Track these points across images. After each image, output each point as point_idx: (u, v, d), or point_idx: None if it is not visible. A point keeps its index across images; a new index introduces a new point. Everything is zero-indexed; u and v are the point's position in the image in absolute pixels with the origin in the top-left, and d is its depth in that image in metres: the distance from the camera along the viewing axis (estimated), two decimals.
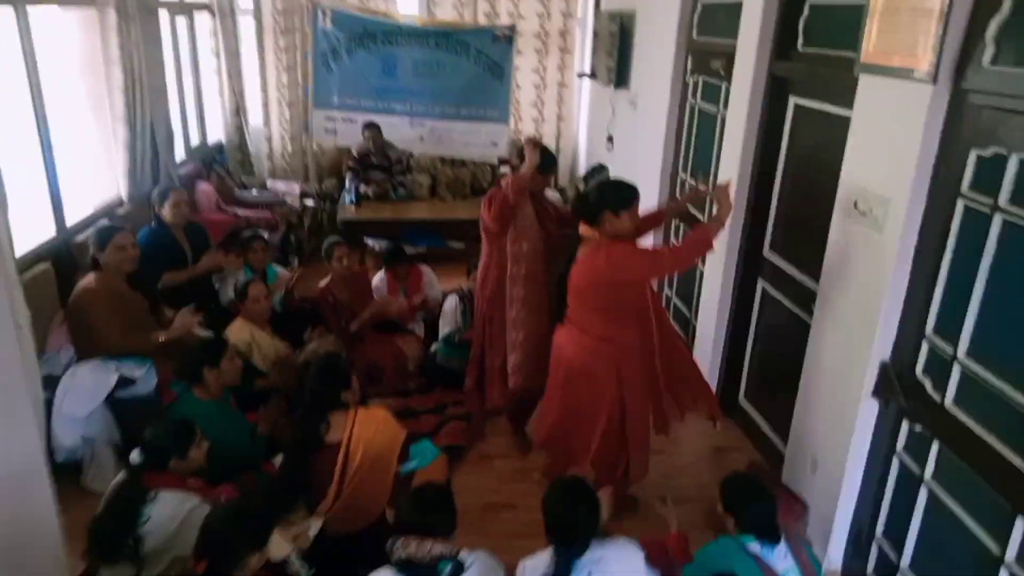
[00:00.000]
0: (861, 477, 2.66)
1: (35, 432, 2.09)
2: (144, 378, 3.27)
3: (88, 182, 4.33)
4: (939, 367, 2.29)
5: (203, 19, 6.20)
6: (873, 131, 2.52)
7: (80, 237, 3.76)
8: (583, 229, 2.84)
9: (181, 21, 5.77)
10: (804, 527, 2.91)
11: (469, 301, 4.30)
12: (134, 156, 4.40)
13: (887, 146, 2.42)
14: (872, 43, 2.47)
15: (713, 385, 3.99)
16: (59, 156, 3.85)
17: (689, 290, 4.46)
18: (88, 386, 3.15)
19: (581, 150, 7.51)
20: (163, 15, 5.04)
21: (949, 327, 2.24)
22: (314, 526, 2.58)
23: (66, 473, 3.05)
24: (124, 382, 3.21)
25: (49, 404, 3.08)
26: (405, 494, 2.46)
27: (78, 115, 4.24)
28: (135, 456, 2.45)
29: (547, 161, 3.38)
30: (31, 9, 3.60)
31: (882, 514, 2.61)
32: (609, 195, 2.78)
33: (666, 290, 4.93)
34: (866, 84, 2.54)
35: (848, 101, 2.66)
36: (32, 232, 3.61)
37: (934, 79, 2.16)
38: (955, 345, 2.21)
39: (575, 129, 7.57)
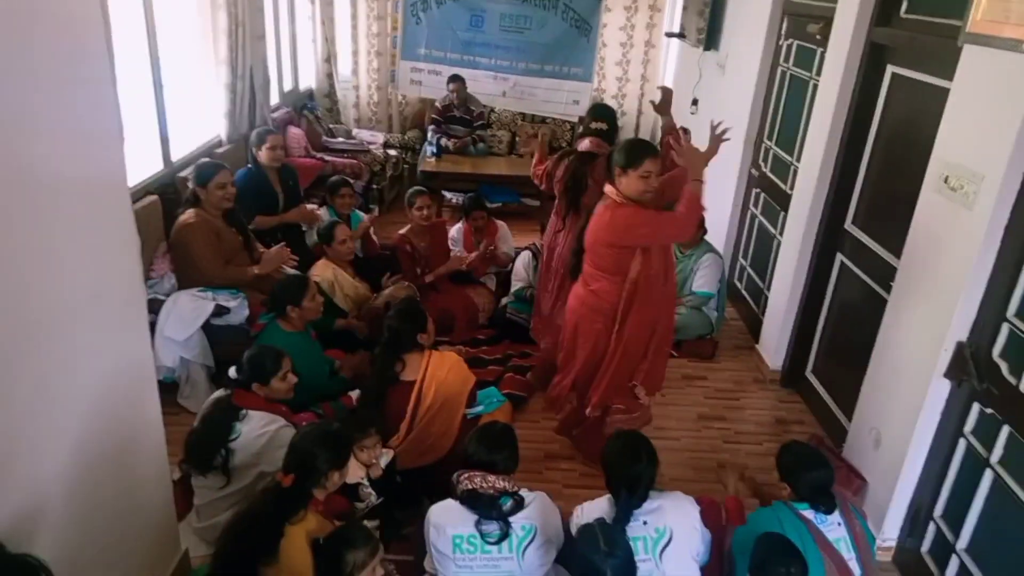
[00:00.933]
0: (925, 456, 2.64)
1: (147, 343, 2.30)
2: (237, 308, 3.52)
3: (192, 121, 4.58)
4: (1017, 350, 2.24)
5: None
6: (973, 104, 2.43)
7: (183, 173, 4.01)
8: (606, 187, 2.90)
9: None
10: (862, 501, 2.92)
11: (541, 257, 4.40)
12: (234, 98, 4.63)
13: (987, 121, 2.34)
14: (981, 11, 2.36)
15: (780, 357, 3.98)
16: (168, 96, 4.09)
17: (764, 260, 4.41)
18: (187, 312, 3.42)
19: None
20: None
21: None
22: (385, 457, 2.76)
23: (164, 391, 3.33)
24: (219, 310, 3.47)
25: (152, 326, 3.36)
26: (471, 434, 2.62)
27: (186, 57, 4.47)
28: (232, 372, 2.67)
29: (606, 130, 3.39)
30: None
31: (943, 494, 2.59)
32: (620, 151, 2.82)
33: (740, 260, 4.88)
34: (970, 55, 2.44)
35: (949, 72, 2.57)
36: (142, 165, 3.87)
37: None
38: None
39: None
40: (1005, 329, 2.30)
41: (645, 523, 2.19)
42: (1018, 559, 2.23)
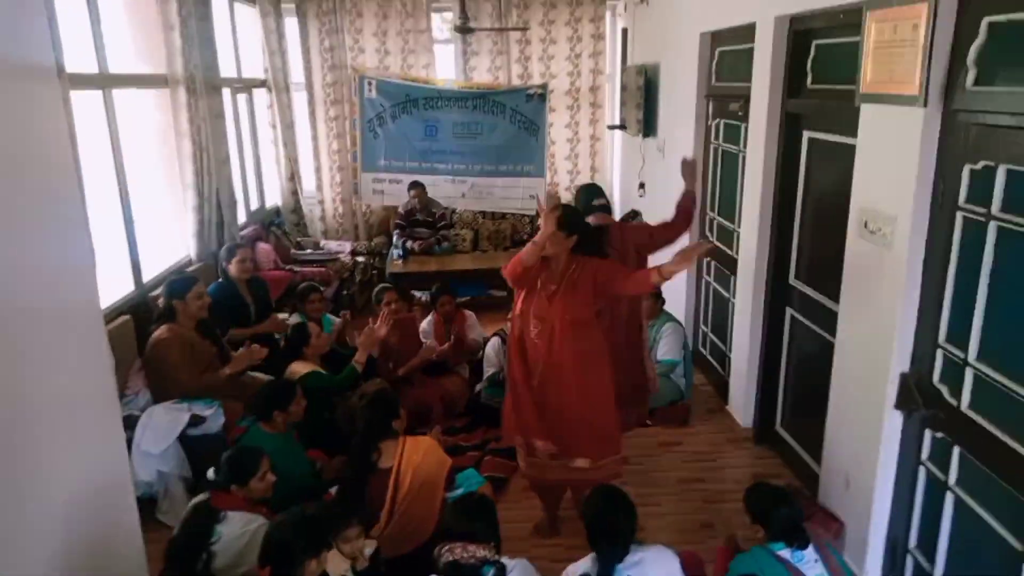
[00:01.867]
0: (892, 489, 2.72)
1: (123, 453, 2.36)
2: (213, 417, 3.55)
3: (162, 242, 4.74)
4: (953, 373, 2.39)
5: (261, 95, 6.75)
6: (876, 155, 2.70)
7: (154, 293, 4.12)
8: None
9: (242, 97, 6.31)
10: (842, 545, 2.96)
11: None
12: (202, 219, 4.82)
13: (890, 168, 2.59)
14: (869, 75, 2.67)
15: (750, 415, 4.09)
16: (138, 218, 4.26)
17: (723, 324, 4.59)
18: (163, 424, 3.44)
19: (616, 198, 7.76)
20: (226, 93, 5.54)
21: (959, 333, 2.35)
22: (369, 547, 2.76)
23: (142, 507, 3.31)
24: (195, 420, 3.49)
25: (128, 442, 3.37)
26: (449, 507, 2.66)
27: (153, 183, 4.69)
28: (211, 473, 2.69)
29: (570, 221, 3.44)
30: (115, 92, 4.08)
31: (914, 524, 2.66)
32: None
33: (701, 326, 5.06)
34: (867, 113, 2.73)
35: (854, 130, 2.85)
36: (114, 288, 3.98)
37: (925, 102, 2.34)
38: (966, 350, 2.31)
39: (609, 179, 7.85)
40: (940, 355, 2.46)
41: None
42: (987, 574, 2.28)
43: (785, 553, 2.32)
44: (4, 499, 1.72)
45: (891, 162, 2.58)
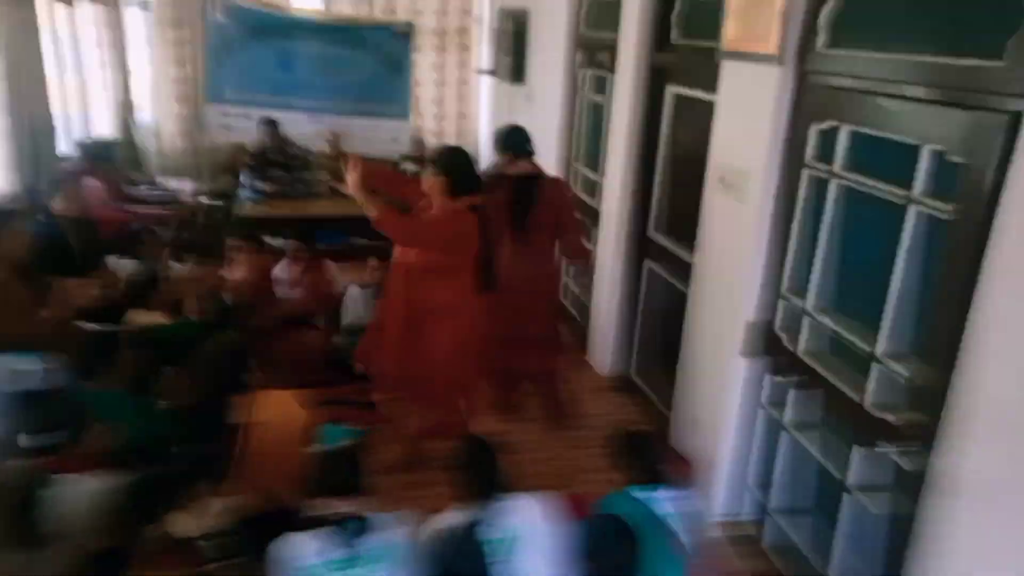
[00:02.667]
0: (734, 431, 2.91)
1: None
2: (33, 370, 3.16)
3: None
4: (793, 322, 2.55)
5: (86, 9, 5.94)
6: (734, 112, 2.78)
7: None
8: None
9: (61, 11, 5.52)
10: (691, 483, 3.14)
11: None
12: (17, 146, 4.21)
13: (746, 124, 2.68)
14: (730, 32, 2.73)
15: (608, 364, 4.22)
16: None
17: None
18: None
19: (483, 145, 7.66)
20: (41, 3, 4.82)
21: (800, 284, 2.51)
22: (214, 505, 2.59)
23: None
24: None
25: None
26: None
27: None
28: (23, 439, 2.40)
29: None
30: None
31: (752, 462, 2.86)
32: None
33: (563, 277, 5.13)
34: (727, 70, 2.80)
35: (715, 86, 2.91)
36: None
37: (780, 61, 2.42)
38: (804, 299, 2.47)
39: (476, 125, 7.72)
40: (781, 304, 2.62)
41: (493, 526, 2.23)
42: (814, 506, 2.50)
43: (639, 494, 2.41)
44: None
45: (747, 119, 2.67)
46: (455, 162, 3.04)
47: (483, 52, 7.16)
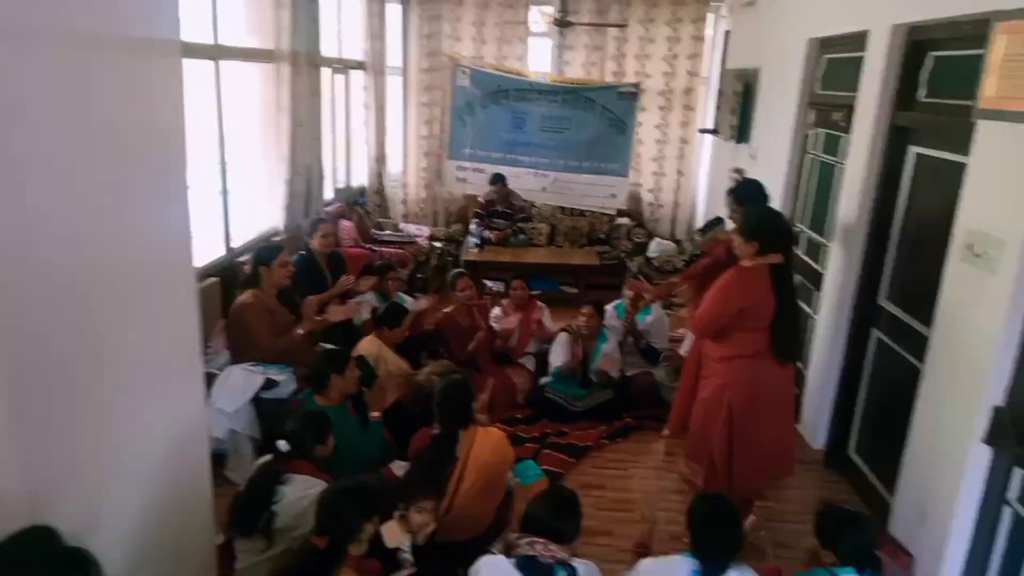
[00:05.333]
0: (972, 527, 2.56)
1: (202, 407, 2.47)
2: (285, 382, 3.68)
3: (252, 212, 4.95)
4: None
5: (358, 76, 6.93)
6: (990, 174, 2.53)
7: (242, 258, 4.30)
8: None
9: (340, 77, 6.50)
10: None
11: (578, 337, 4.52)
12: (292, 191, 4.99)
13: (1004, 188, 2.43)
14: (992, 89, 2.50)
15: (823, 437, 3.93)
16: (232, 187, 4.46)
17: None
18: (239, 384, 3.58)
19: (700, 204, 7.61)
20: (326, 72, 5.72)
21: None
22: (432, 527, 2.78)
23: (211, 463, 3.46)
24: (269, 384, 3.63)
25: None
26: (503, 509, 2.61)
27: (250, 154, 4.89)
28: (283, 444, 2.77)
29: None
30: (223, 64, 4.27)
31: (993, 566, 2.49)
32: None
33: None
34: (984, 129, 2.57)
35: (965, 148, 2.68)
36: (206, 250, 4.18)
37: None
38: None
39: (694, 183, 7.69)
40: None
41: None
42: None
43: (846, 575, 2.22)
44: (98, 440, 1.84)
45: (1007, 183, 2.42)
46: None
47: (708, 112, 7.17)
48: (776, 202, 4.73)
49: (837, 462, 3.84)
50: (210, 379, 3.56)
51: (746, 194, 3.73)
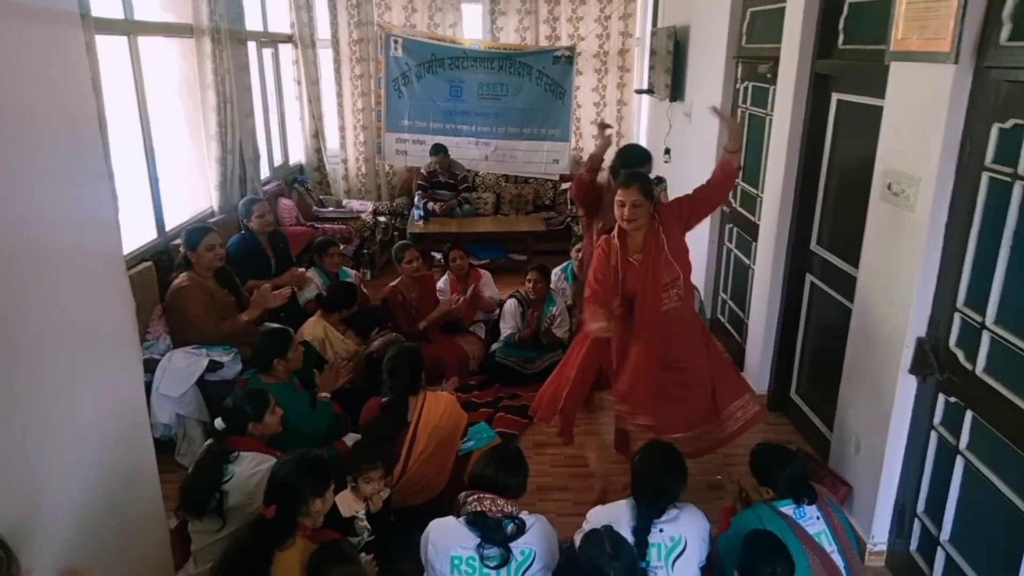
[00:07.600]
0: (903, 454, 2.70)
1: (140, 389, 2.41)
2: (230, 363, 3.62)
3: (184, 193, 4.80)
4: (970, 337, 2.35)
5: (287, 50, 6.74)
6: (903, 115, 2.62)
7: (176, 241, 4.18)
8: None
9: (267, 52, 6.31)
10: (849, 509, 2.95)
11: (527, 303, 4.55)
12: (225, 171, 4.85)
13: (916, 128, 2.52)
14: (900, 32, 2.59)
15: (765, 382, 4.07)
16: (160, 169, 4.31)
17: (742, 291, 4.54)
18: (182, 368, 3.52)
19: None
20: (252, 47, 5.54)
21: (978, 297, 2.31)
22: (384, 493, 2.80)
23: (161, 450, 3.39)
24: (213, 366, 3.57)
25: (148, 385, 3.45)
26: (459, 472, 2.64)
27: (177, 134, 4.73)
28: (218, 422, 2.75)
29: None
30: (140, 39, 4.10)
31: (923, 489, 2.64)
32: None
33: (720, 294, 5.02)
34: (896, 71, 2.65)
35: (881, 91, 2.77)
36: (137, 235, 4.05)
37: (956, 59, 2.27)
38: (984, 314, 2.27)
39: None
40: (957, 319, 2.42)
41: (662, 531, 2.26)
42: (994, 539, 2.27)
43: (788, 509, 2.33)
44: (34, 429, 1.79)
45: (918, 122, 2.51)
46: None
47: (643, 73, 7.21)
48: (711, 157, 4.82)
49: (780, 405, 3.98)
50: (152, 365, 3.50)
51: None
